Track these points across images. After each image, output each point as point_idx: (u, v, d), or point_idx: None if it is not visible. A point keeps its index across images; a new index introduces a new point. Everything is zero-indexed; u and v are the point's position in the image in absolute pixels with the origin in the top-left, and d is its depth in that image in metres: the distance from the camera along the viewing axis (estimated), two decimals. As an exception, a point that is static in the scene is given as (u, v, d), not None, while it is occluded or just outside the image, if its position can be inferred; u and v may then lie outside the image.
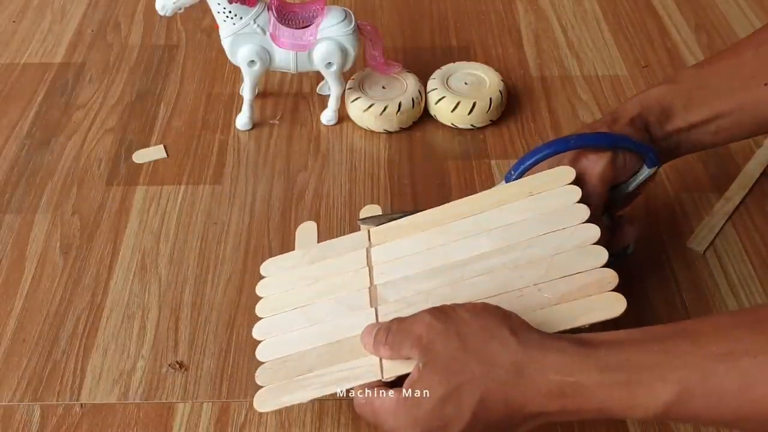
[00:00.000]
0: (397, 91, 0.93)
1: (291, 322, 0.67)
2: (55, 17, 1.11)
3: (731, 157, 0.89)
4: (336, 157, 0.90)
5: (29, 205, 0.84)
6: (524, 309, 0.60)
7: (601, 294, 0.61)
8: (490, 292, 0.63)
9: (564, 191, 0.67)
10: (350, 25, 0.87)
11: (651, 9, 1.12)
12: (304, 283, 0.70)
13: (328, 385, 0.62)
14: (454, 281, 0.65)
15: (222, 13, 0.85)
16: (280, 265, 0.73)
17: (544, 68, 1.02)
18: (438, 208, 0.71)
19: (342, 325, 0.65)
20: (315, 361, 0.64)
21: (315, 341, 0.65)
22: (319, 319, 0.67)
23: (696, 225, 0.82)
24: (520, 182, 0.69)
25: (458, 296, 0.63)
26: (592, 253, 0.63)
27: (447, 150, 0.91)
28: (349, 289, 0.68)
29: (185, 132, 0.93)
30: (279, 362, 0.65)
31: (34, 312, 0.74)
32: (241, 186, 0.86)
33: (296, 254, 0.74)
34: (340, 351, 0.63)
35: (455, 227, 0.69)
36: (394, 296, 0.66)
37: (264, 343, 0.67)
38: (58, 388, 0.68)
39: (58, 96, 0.97)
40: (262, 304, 0.70)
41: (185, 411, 0.67)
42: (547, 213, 0.66)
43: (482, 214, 0.68)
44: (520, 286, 0.63)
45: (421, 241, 0.69)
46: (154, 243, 0.80)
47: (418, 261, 0.68)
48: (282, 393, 0.63)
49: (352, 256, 0.70)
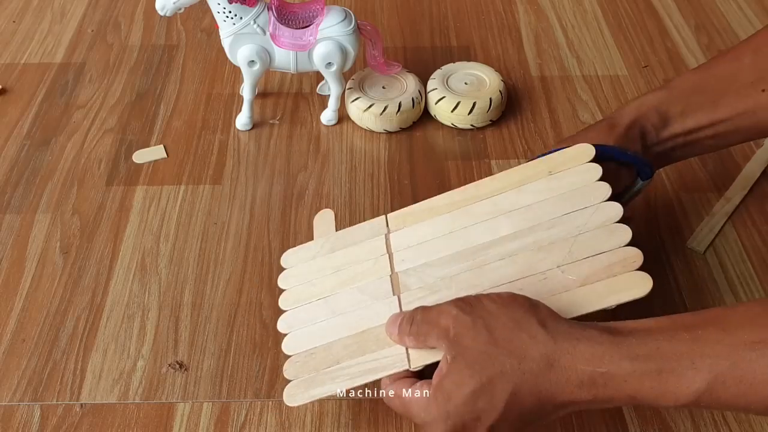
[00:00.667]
0: (397, 91, 0.93)
1: (315, 313, 0.67)
2: (55, 17, 1.11)
3: (731, 157, 0.89)
4: (336, 157, 0.90)
5: (29, 205, 0.84)
6: (549, 293, 0.60)
7: (627, 273, 0.60)
8: (513, 276, 0.62)
9: (584, 169, 0.66)
10: (350, 25, 0.87)
11: (651, 9, 1.12)
12: (325, 273, 0.69)
13: (357, 377, 0.61)
14: (477, 266, 0.64)
15: (222, 13, 0.85)
16: (300, 256, 0.72)
17: (544, 68, 1.02)
18: (456, 190, 0.69)
19: (366, 315, 0.64)
20: (341, 352, 0.63)
21: (340, 332, 0.64)
22: (343, 310, 0.66)
23: (696, 225, 0.82)
24: (538, 161, 0.68)
25: (482, 281, 0.62)
26: (615, 231, 0.62)
27: (447, 150, 0.91)
28: (370, 278, 0.67)
29: (185, 132, 0.93)
30: (306, 355, 0.64)
31: (34, 312, 0.74)
32: (241, 186, 0.86)
33: (315, 244, 0.72)
34: (366, 341, 0.62)
35: (475, 209, 0.67)
36: (417, 283, 0.65)
37: (289, 336, 0.66)
38: (58, 388, 0.68)
39: (58, 96, 0.97)
40: (284, 296, 0.70)
41: (185, 411, 0.67)
42: (568, 192, 0.65)
43: (501, 195, 0.67)
44: (543, 269, 0.62)
45: (440, 225, 0.68)
46: (154, 243, 0.80)
47: (438, 246, 0.66)
48: (311, 386, 0.62)
49: (372, 244, 0.69)
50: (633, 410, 0.67)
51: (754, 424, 0.66)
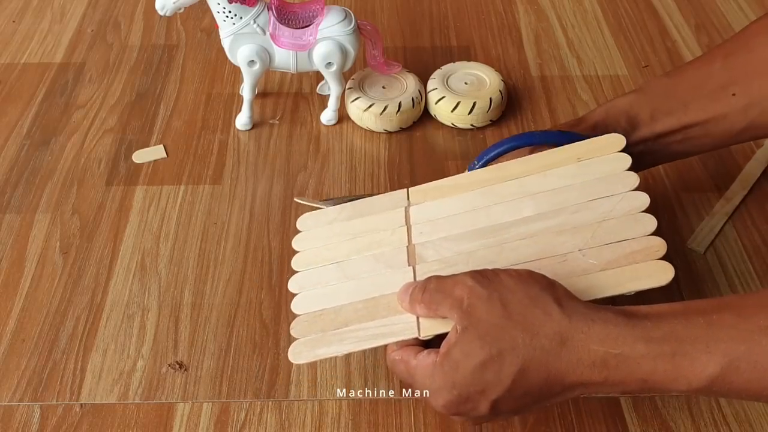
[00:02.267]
0: (397, 91, 0.93)
1: (327, 276, 0.67)
2: (54, 17, 1.11)
3: (731, 157, 0.89)
4: (336, 157, 0.90)
5: (29, 205, 0.84)
6: (567, 274, 0.60)
7: (649, 262, 0.60)
8: (532, 257, 0.62)
9: (614, 158, 0.66)
10: (350, 25, 0.87)
11: (651, 9, 1.12)
12: (341, 239, 0.69)
13: (364, 340, 0.61)
14: (496, 244, 0.64)
15: (222, 12, 0.85)
16: (317, 219, 0.72)
17: (544, 68, 1.02)
18: (483, 170, 0.69)
19: (379, 282, 0.64)
20: (351, 315, 0.63)
21: (351, 296, 0.64)
22: (356, 275, 0.66)
23: (696, 225, 0.82)
24: (567, 147, 0.68)
25: (500, 259, 0.63)
26: (640, 220, 0.62)
27: (447, 150, 0.91)
28: (387, 247, 0.67)
29: (185, 132, 0.93)
30: (314, 315, 0.64)
31: (34, 312, 0.74)
32: (241, 186, 0.86)
33: (334, 210, 0.72)
34: (377, 307, 0.62)
35: (499, 189, 0.67)
36: (434, 256, 0.65)
37: (299, 296, 0.66)
38: (58, 388, 0.68)
39: (58, 96, 0.97)
40: (297, 258, 0.69)
41: (185, 411, 0.67)
42: (596, 179, 0.65)
43: (527, 178, 0.67)
44: (563, 252, 0.62)
45: (462, 202, 0.68)
46: (154, 243, 0.80)
47: (459, 222, 0.66)
48: (317, 345, 0.62)
49: (391, 215, 0.69)
50: (633, 410, 0.67)
51: (754, 424, 0.66)
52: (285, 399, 0.67)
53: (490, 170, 0.69)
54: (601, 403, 0.67)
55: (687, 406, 0.67)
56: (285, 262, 0.78)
